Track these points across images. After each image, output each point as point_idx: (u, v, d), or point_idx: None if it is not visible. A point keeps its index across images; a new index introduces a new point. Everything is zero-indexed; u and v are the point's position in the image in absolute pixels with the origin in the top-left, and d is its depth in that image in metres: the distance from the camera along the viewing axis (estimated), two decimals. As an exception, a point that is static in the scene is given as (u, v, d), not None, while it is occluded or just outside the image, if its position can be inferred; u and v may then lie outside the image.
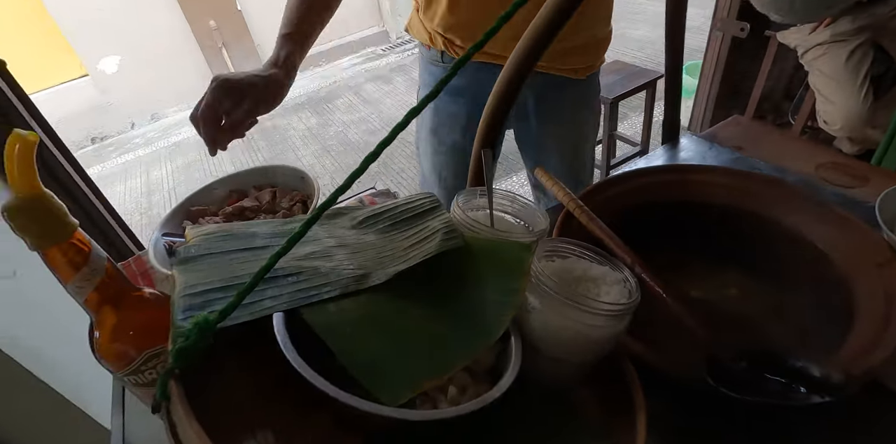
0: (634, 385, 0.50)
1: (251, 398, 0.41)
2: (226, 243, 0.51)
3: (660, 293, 0.61)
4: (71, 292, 0.41)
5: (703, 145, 0.97)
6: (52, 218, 0.38)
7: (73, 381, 0.72)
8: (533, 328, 0.49)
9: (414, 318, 0.47)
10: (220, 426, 0.33)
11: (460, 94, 1.07)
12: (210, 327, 0.33)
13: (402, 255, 0.52)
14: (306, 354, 0.39)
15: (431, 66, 1.10)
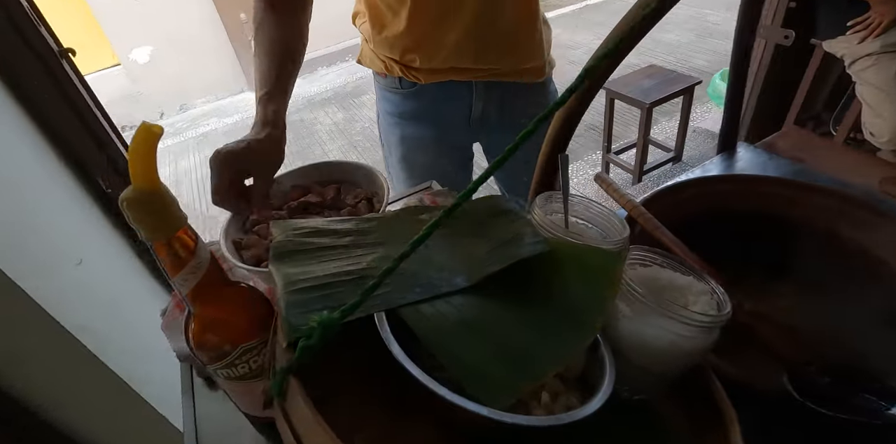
0: (722, 399, 0.49)
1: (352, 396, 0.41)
2: (315, 239, 0.51)
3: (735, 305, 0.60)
4: (176, 285, 0.41)
5: (762, 156, 0.96)
6: (166, 211, 0.39)
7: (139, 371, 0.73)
8: (622, 336, 0.48)
9: (505, 322, 0.47)
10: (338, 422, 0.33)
11: (422, 118, 1.09)
12: (333, 326, 0.33)
13: (486, 257, 0.52)
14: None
15: (389, 93, 1.10)
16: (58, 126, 0.99)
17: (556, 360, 0.44)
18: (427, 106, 1.05)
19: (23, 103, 0.93)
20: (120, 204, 0.37)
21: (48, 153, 0.98)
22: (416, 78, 1.03)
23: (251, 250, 0.68)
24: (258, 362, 0.46)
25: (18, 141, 0.88)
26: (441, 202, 0.83)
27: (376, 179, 0.74)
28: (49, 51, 0.96)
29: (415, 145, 1.14)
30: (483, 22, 0.94)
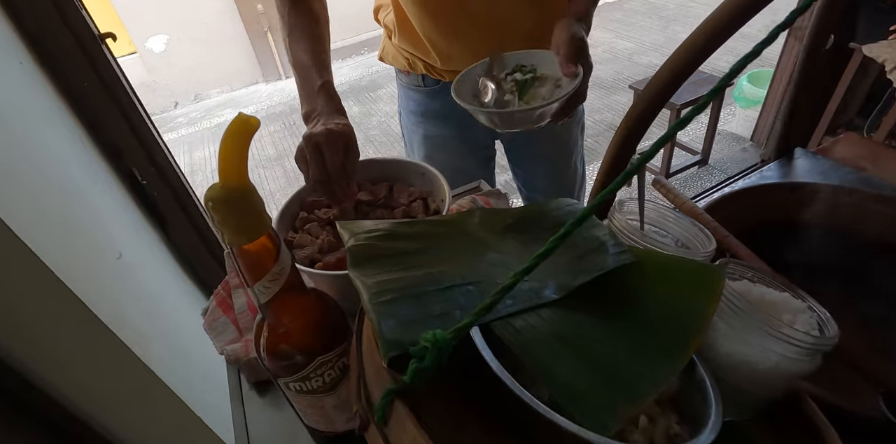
0: (821, 421, 0.46)
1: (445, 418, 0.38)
2: (388, 243, 0.48)
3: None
4: (255, 293, 0.38)
5: (822, 163, 0.92)
6: (253, 213, 0.36)
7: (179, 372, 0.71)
8: (719, 355, 0.45)
9: (596, 337, 0.43)
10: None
11: (446, 117, 1.06)
12: (447, 347, 0.30)
13: (570, 267, 0.49)
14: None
15: (411, 91, 1.08)
16: (95, 112, 0.95)
17: (656, 381, 0.41)
18: (451, 104, 1.03)
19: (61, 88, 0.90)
20: (205, 204, 0.34)
21: (84, 140, 0.95)
22: (441, 75, 1.01)
23: (304, 249, 0.65)
24: (332, 375, 0.43)
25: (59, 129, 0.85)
26: (494, 204, 0.80)
27: (434, 178, 0.71)
28: (90, 34, 0.93)
29: (439, 145, 1.12)
30: (509, 26, 0.92)
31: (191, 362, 0.81)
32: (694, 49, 0.61)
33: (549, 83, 0.77)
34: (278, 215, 0.69)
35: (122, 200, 1.01)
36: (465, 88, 0.80)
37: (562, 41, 0.74)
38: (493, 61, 0.81)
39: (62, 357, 0.58)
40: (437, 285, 0.43)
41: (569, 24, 0.75)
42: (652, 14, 4.91)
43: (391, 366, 0.34)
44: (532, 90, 0.76)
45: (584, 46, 0.75)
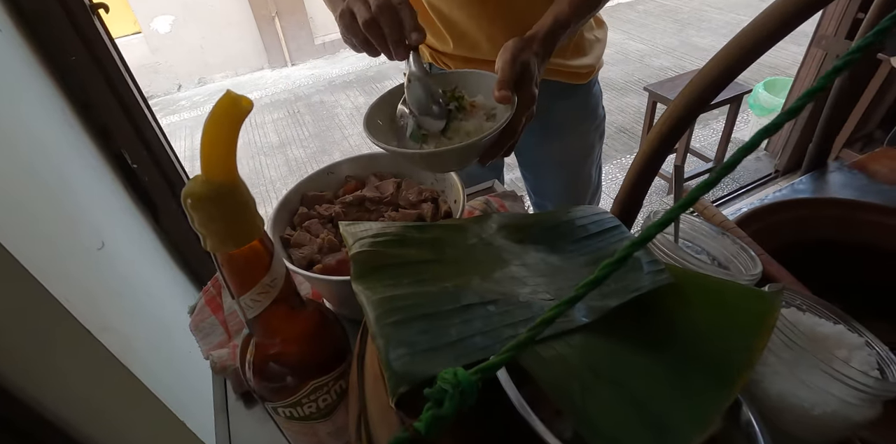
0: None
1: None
2: (398, 250, 0.42)
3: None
4: (242, 306, 0.32)
5: (858, 178, 0.87)
6: (241, 213, 0.30)
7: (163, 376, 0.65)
8: (768, 396, 0.40)
9: (632, 371, 0.38)
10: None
11: None
12: (472, 391, 0.25)
13: (602, 286, 0.43)
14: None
15: None
16: (85, 90, 0.89)
17: (699, 425, 0.35)
18: None
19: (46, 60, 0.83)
20: (183, 201, 0.28)
21: (70, 119, 0.88)
22: (446, 64, 0.96)
23: (302, 249, 0.60)
24: (327, 401, 0.38)
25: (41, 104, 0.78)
26: (510, 207, 0.74)
27: (447, 176, 0.65)
28: (80, 4, 0.86)
29: None
30: (522, 16, 0.85)
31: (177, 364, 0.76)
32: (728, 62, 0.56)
33: (480, 114, 0.63)
34: (275, 210, 0.64)
35: (110, 184, 0.95)
36: (381, 114, 0.64)
37: (501, 62, 0.61)
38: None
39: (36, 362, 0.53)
40: (453, 304, 0.37)
41: (514, 44, 0.63)
42: (666, 17, 4.84)
43: (400, 404, 0.28)
44: (455, 123, 0.61)
45: (526, 71, 0.62)
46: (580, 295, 0.27)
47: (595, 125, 1.06)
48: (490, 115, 0.63)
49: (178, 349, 0.79)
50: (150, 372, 0.64)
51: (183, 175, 1.17)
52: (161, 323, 0.82)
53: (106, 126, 0.96)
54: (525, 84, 0.62)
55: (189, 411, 0.65)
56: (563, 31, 0.70)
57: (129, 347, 0.62)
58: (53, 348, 0.54)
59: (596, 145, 1.09)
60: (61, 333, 0.53)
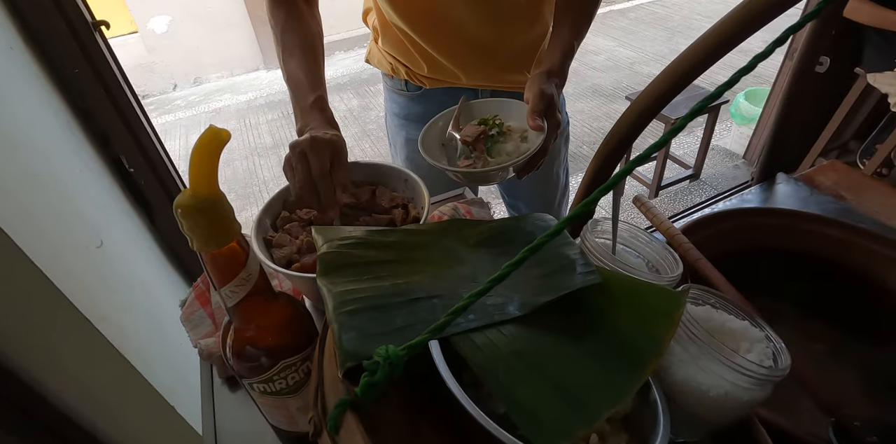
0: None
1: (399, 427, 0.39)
2: (361, 251, 0.49)
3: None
4: (222, 296, 0.39)
5: (803, 190, 0.94)
6: (222, 220, 0.36)
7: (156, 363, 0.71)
8: (675, 381, 0.46)
9: (557, 357, 0.44)
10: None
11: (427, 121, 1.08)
12: (399, 363, 0.31)
13: (538, 285, 0.50)
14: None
15: (395, 94, 1.10)
16: (85, 100, 0.96)
17: (610, 402, 0.42)
18: (432, 110, 1.04)
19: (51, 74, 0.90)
20: (175, 211, 0.35)
21: (73, 127, 0.95)
22: (421, 82, 1.03)
23: (282, 249, 0.66)
24: (296, 379, 0.44)
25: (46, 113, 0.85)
26: (476, 213, 0.81)
27: (416, 185, 0.71)
28: (83, 22, 0.93)
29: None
30: (485, 47, 0.94)
31: (168, 353, 0.82)
32: (690, 62, 0.62)
33: (515, 137, 0.77)
34: (260, 213, 0.70)
35: (109, 187, 1.01)
36: (431, 137, 0.80)
37: (531, 95, 0.74)
38: (460, 109, 0.82)
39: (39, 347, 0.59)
40: (402, 298, 0.44)
41: (540, 79, 0.75)
42: (656, 24, 4.93)
43: (348, 377, 0.35)
44: (497, 145, 0.76)
45: (552, 102, 0.75)
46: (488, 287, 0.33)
47: (560, 130, 1.14)
48: (523, 137, 0.78)
49: (170, 339, 0.85)
50: (143, 359, 0.70)
51: (176, 178, 1.23)
52: (154, 315, 0.89)
53: (105, 133, 1.03)
54: (551, 112, 0.75)
55: (178, 395, 0.71)
56: (571, 58, 0.83)
57: (125, 336, 0.68)
58: (56, 335, 0.60)
59: (562, 149, 1.17)
60: (63, 321, 0.60)
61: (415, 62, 0.98)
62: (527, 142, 0.76)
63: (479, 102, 0.83)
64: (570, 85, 4.02)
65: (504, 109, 0.81)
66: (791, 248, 0.79)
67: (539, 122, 0.73)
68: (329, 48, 4.99)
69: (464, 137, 0.76)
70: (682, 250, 0.72)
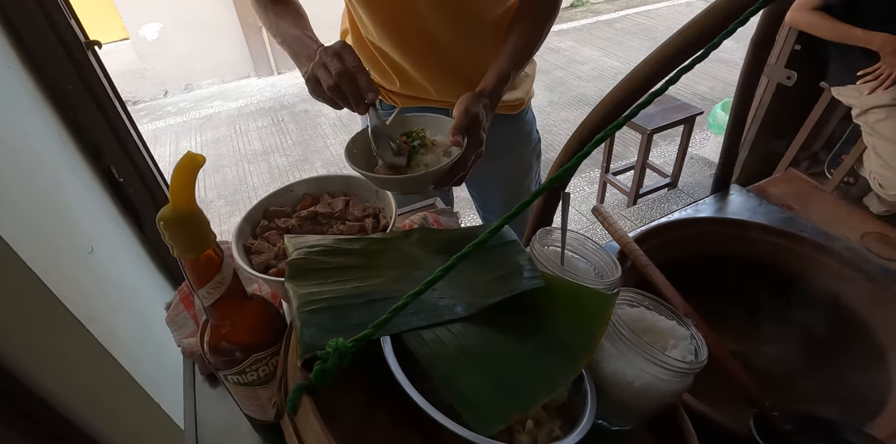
0: (690, 437, 0.53)
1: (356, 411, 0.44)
2: (328, 258, 0.54)
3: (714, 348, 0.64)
4: (199, 297, 0.44)
5: (753, 201, 1.00)
6: (199, 231, 0.42)
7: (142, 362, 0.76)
8: (605, 373, 0.52)
9: (500, 352, 0.50)
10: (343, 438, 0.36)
11: None
12: (347, 354, 0.37)
13: (486, 288, 0.56)
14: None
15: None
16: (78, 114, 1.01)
17: (544, 391, 0.48)
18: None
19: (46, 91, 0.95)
20: (157, 223, 0.40)
21: (65, 140, 1.00)
22: (394, 101, 1.08)
23: (261, 255, 0.71)
24: (266, 371, 0.50)
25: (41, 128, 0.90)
26: (444, 222, 0.86)
27: (385, 196, 0.77)
28: (76, 42, 0.98)
29: None
30: (457, 63, 1.00)
31: (154, 353, 0.87)
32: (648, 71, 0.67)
33: (438, 151, 0.80)
34: (241, 221, 0.75)
35: (99, 196, 1.06)
36: (359, 147, 0.83)
37: (458, 112, 0.78)
38: (392, 121, 0.86)
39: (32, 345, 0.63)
40: (361, 299, 0.49)
41: (469, 99, 0.79)
42: (642, 35, 5.03)
43: (306, 367, 0.40)
44: (418, 157, 0.79)
45: (477, 120, 0.78)
46: (421, 291, 0.39)
47: (531, 148, 1.20)
48: (447, 151, 0.80)
49: (157, 340, 0.90)
50: (131, 358, 0.75)
51: (164, 188, 1.28)
52: (142, 317, 0.94)
53: (96, 145, 1.08)
54: (475, 130, 0.79)
55: (163, 392, 0.76)
56: (506, 83, 0.87)
57: (114, 336, 0.73)
58: (48, 335, 0.65)
59: (534, 165, 1.23)
60: (56, 321, 0.65)
61: (388, 77, 1.03)
62: (448, 157, 0.79)
63: (412, 116, 0.87)
64: (557, 94, 4.10)
65: (434, 124, 0.84)
66: (738, 255, 0.85)
67: (458, 137, 0.76)
68: (319, 56, 5.05)
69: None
70: (633, 256, 0.79)
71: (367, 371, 0.46)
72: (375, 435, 0.45)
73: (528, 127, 1.18)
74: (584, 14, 5.79)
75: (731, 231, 0.85)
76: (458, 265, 0.61)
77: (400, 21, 0.94)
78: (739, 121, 0.97)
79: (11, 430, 0.62)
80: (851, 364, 0.72)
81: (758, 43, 0.86)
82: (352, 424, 0.44)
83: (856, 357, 0.72)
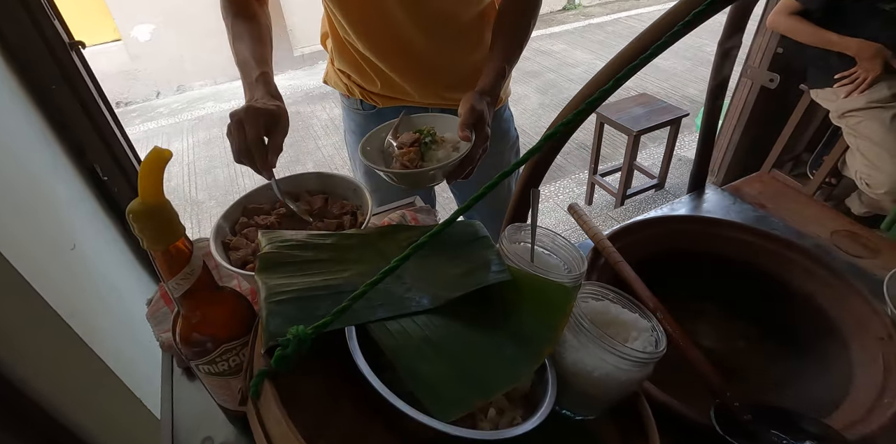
0: (650, 423, 0.55)
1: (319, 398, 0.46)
2: (299, 252, 0.56)
3: (679, 340, 0.66)
4: (169, 288, 0.46)
5: (728, 199, 1.02)
6: (167, 223, 0.43)
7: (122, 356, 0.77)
8: (567, 364, 0.54)
9: (464, 342, 0.52)
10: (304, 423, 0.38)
11: None
12: (306, 340, 0.38)
13: (454, 281, 0.57)
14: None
15: (352, 113, 1.19)
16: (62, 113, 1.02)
17: (506, 381, 0.49)
18: None
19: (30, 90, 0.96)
20: (127, 216, 0.42)
21: (49, 138, 1.01)
22: (375, 102, 1.10)
23: (239, 251, 0.73)
24: (237, 361, 0.51)
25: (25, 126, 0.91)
26: (422, 219, 0.88)
27: (362, 194, 0.79)
28: (60, 43, 1.00)
29: None
30: (434, 66, 1.03)
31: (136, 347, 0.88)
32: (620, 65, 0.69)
33: (447, 146, 0.86)
34: (220, 219, 0.77)
35: (83, 194, 1.08)
36: (372, 144, 0.90)
37: (464, 110, 0.83)
38: (401, 121, 0.91)
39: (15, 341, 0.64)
40: (328, 291, 0.51)
41: (473, 97, 0.85)
42: (632, 38, 5.06)
43: (270, 354, 0.42)
44: (430, 152, 0.85)
45: (482, 117, 0.84)
46: (377, 280, 0.40)
47: (510, 145, 1.22)
48: (455, 147, 0.86)
49: (137, 335, 0.91)
50: (111, 352, 0.76)
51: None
52: (123, 313, 0.95)
53: (80, 144, 1.09)
54: (480, 126, 0.84)
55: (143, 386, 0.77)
56: (503, 79, 0.92)
57: (94, 331, 0.74)
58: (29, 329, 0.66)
59: (512, 162, 1.24)
60: (36, 316, 0.66)
61: (368, 79, 1.05)
62: (458, 151, 0.85)
63: (418, 116, 0.93)
64: (548, 96, 4.13)
65: (440, 123, 0.91)
66: (711, 252, 0.87)
67: (468, 133, 0.82)
68: (313, 58, 5.07)
69: (400, 143, 0.85)
70: (605, 253, 0.80)
71: (332, 360, 0.47)
72: (339, 422, 0.47)
73: (506, 125, 1.20)
74: (576, 17, 5.83)
75: (703, 229, 0.87)
76: (427, 260, 0.63)
77: (373, 25, 0.96)
78: (711, 120, 0.99)
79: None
80: (817, 357, 0.74)
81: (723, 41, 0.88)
82: (314, 412, 0.45)
83: (821, 351, 0.74)
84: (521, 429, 0.45)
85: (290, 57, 4.98)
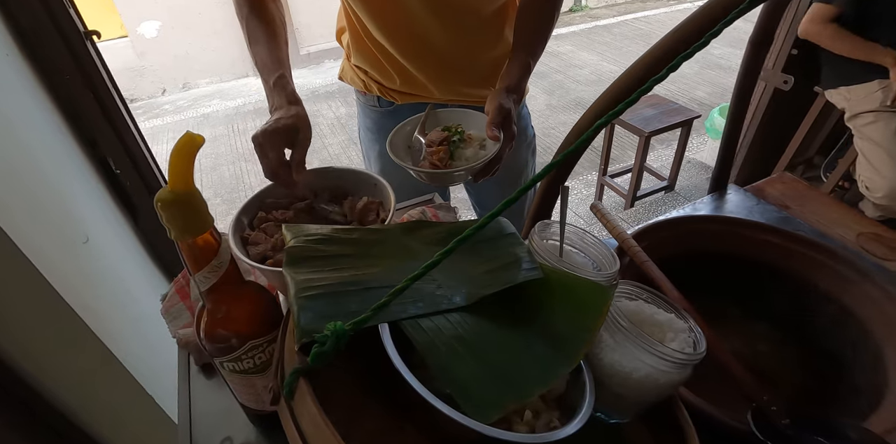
0: (689, 429, 0.53)
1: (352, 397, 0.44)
2: (325, 246, 0.54)
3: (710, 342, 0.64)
4: (196, 281, 0.44)
5: (751, 200, 1.00)
6: (196, 213, 0.42)
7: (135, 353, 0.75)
8: (603, 365, 0.52)
9: (498, 341, 0.50)
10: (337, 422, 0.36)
11: None
12: (344, 336, 0.36)
13: (484, 278, 0.55)
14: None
15: (368, 110, 1.16)
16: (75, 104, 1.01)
17: (541, 382, 0.47)
18: None
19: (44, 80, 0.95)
20: (155, 204, 0.40)
21: (62, 129, 0.99)
22: (393, 98, 1.09)
23: (258, 246, 0.71)
24: (262, 359, 0.49)
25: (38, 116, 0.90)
26: (443, 216, 0.86)
27: (384, 189, 0.77)
28: (75, 32, 0.98)
29: (392, 161, 1.18)
30: (454, 62, 1.01)
31: (148, 344, 0.86)
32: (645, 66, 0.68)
33: (475, 144, 0.85)
34: (238, 213, 0.75)
35: (95, 187, 1.06)
36: (398, 139, 0.89)
37: (491, 108, 0.82)
38: (427, 116, 0.90)
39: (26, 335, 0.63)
40: (358, 286, 0.49)
41: (500, 94, 0.84)
42: (640, 40, 5.05)
43: (303, 351, 0.40)
44: (458, 151, 0.85)
45: (509, 115, 0.83)
46: (419, 274, 0.39)
47: (527, 143, 1.20)
48: (482, 145, 0.86)
49: (148, 331, 0.89)
50: (123, 347, 0.74)
51: (161, 179, 1.28)
52: (136, 308, 0.93)
53: (93, 136, 1.08)
54: (507, 125, 0.83)
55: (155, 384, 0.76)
56: (527, 75, 0.91)
57: (106, 325, 0.73)
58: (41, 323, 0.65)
59: (529, 161, 1.23)
60: (49, 309, 0.64)
61: (387, 75, 1.03)
62: (485, 150, 0.84)
63: (444, 111, 0.92)
64: (555, 97, 4.11)
65: (466, 119, 0.89)
66: (734, 253, 0.85)
67: (496, 132, 0.80)
68: (319, 57, 5.06)
69: (429, 141, 0.83)
70: (631, 253, 0.78)
71: (362, 358, 0.45)
72: (368, 421, 0.45)
73: (523, 123, 1.18)
74: (583, 19, 5.81)
75: (727, 229, 0.85)
76: (456, 257, 0.61)
77: (393, 18, 0.95)
78: (737, 120, 0.97)
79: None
80: (848, 362, 0.72)
81: (755, 43, 0.86)
82: (346, 409, 0.43)
83: (852, 355, 0.72)
84: (559, 434, 0.43)
85: (296, 56, 4.97)
